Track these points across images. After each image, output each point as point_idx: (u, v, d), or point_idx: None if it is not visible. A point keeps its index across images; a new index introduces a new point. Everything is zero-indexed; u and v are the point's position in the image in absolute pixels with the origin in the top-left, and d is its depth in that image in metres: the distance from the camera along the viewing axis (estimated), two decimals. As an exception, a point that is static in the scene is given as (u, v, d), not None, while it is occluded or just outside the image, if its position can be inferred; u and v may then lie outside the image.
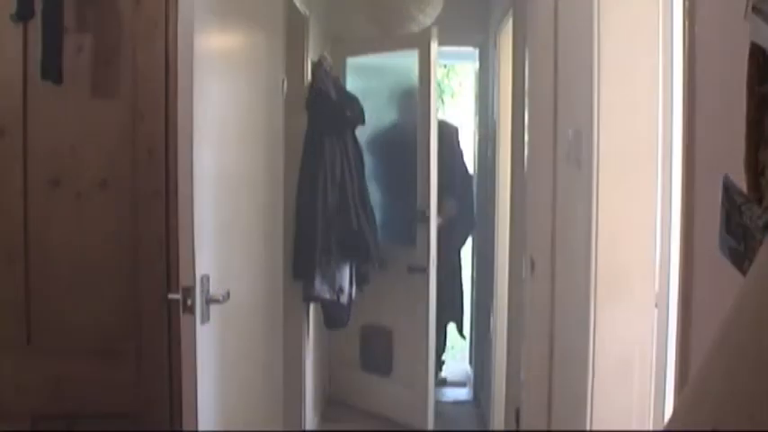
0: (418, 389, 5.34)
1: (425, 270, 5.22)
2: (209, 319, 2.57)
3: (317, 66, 4.80)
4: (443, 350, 6.69)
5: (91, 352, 2.93)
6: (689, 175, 1.74)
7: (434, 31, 5.16)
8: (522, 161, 3.88)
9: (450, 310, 6.21)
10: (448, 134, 6.07)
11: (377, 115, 5.55)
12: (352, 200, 4.82)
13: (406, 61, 5.42)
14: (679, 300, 1.81)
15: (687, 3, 1.76)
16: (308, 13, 4.58)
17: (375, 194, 5.46)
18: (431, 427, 5.30)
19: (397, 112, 5.77)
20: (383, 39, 5.46)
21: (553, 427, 3.25)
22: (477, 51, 6.43)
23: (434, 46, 5.19)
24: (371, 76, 5.96)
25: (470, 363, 6.83)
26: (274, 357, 3.75)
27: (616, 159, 2.56)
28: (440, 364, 6.48)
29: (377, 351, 5.66)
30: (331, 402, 5.81)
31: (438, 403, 5.69)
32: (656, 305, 2.30)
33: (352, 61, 5.77)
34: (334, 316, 5.11)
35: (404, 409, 5.44)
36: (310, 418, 4.90)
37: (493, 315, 5.33)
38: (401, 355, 5.55)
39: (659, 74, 2.23)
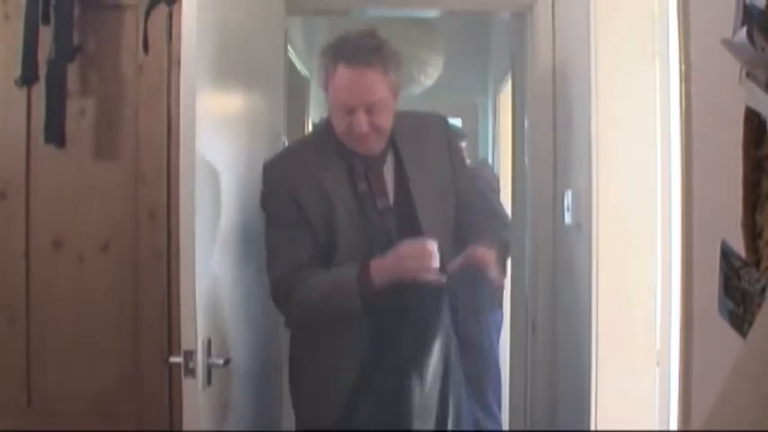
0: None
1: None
2: (210, 383, 2.56)
3: (317, 127, 4.82)
4: None
5: (92, 415, 2.90)
6: (687, 236, 1.75)
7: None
8: (523, 221, 3.89)
9: None
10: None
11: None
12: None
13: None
14: (680, 360, 1.81)
15: (683, 66, 1.79)
16: (308, 74, 4.62)
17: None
18: None
19: None
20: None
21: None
22: (476, 111, 6.48)
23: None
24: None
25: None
26: (275, 418, 3.72)
27: (616, 220, 2.58)
28: None
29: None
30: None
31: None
32: (658, 363, 2.29)
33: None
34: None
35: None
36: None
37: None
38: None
39: (657, 136, 2.25)
